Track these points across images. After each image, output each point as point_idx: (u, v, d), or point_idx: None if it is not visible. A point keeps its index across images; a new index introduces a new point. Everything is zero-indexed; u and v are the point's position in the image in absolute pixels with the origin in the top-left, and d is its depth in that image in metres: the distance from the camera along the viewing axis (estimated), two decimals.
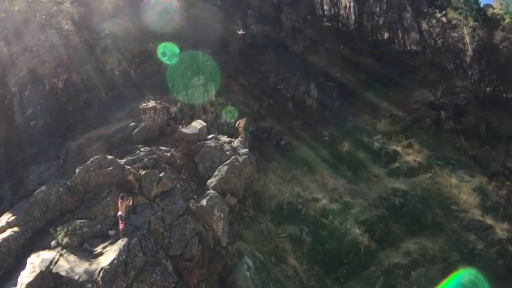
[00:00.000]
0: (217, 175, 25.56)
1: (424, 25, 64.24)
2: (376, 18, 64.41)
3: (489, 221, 31.44)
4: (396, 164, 36.39)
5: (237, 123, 32.00)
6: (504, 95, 55.23)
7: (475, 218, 31.56)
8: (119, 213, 19.71)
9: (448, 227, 30.90)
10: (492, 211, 32.68)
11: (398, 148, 38.00)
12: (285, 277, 23.91)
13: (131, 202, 20.76)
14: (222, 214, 23.44)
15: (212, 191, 24.27)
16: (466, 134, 42.48)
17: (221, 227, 23.10)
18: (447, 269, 28.09)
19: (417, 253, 28.67)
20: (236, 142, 28.84)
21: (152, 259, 18.88)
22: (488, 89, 56.00)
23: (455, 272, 27.51)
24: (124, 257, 18.05)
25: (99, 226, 20.39)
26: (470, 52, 58.40)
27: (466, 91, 49.72)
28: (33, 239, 19.89)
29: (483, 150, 40.59)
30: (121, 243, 18.69)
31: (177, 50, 35.21)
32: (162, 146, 26.80)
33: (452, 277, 27.13)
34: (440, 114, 43.53)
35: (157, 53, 35.39)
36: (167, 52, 35.18)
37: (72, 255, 18.52)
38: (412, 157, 37.01)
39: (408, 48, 66.48)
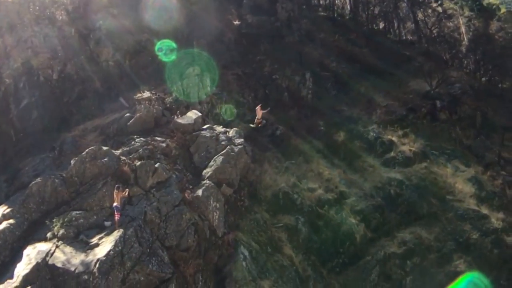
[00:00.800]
0: (213, 165, 25.59)
1: (420, 15, 63.90)
2: (372, 8, 64.20)
3: (485, 210, 31.41)
4: (392, 154, 36.23)
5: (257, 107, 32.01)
6: (499, 85, 55.01)
7: (470, 207, 31.51)
8: (115, 204, 19.75)
9: (443, 216, 30.87)
10: (487, 200, 32.64)
11: (393, 138, 37.83)
12: (281, 267, 24.01)
13: (126, 193, 20.82)
14: (217, 204, 23.51)
15: (208, 181, 24.32)
16: (462, 124, 42.37)
17: (216, 217, 23.19)
18: (443, 259, 28.12)
19: (412, 243, 28.68)
20: (231, 132, 28.87)
21: (148, 250, 18.96)
22: (483, 79, 56.00)
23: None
24: (120, 248, 18.12)
25: (95, 217, 20.45)
26: (465, 42, 58.02)
27: (462, 81, 49.63)
28: (29, 231, 19.94)
29: (479, 140, 40.54)
30: (117, 234, 18.75)
31: (174, 45, 35.09)
32: (157, 136, 26.80)
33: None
34: (435, 104, 43.39)
35: (152, 45, 35.28)
36: (164, 48, 35.03)
37: (68, 247, 18.58)
38: (408, 147, 36.88)
39: (404, 38, 66.17)
